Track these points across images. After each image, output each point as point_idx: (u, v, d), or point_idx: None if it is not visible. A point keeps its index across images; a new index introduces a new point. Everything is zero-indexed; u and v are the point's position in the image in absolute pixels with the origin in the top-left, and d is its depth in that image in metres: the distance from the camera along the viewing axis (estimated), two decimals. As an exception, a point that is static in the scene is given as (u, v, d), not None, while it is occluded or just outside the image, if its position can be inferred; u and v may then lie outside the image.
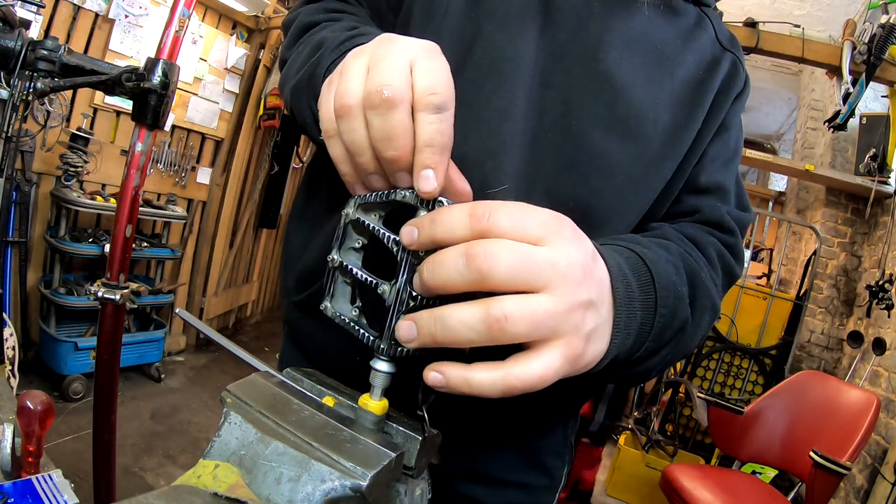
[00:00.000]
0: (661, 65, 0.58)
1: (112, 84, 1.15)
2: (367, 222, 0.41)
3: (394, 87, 0.34)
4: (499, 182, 0.52)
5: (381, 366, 0.39)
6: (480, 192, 0.49)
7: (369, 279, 0.40)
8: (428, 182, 0.36)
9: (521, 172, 0.54)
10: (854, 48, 2.14)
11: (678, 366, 3.18)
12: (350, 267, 0.41)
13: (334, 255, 0.42)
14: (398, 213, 0.41)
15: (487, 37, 0.54)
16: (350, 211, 0.41)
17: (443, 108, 0.36)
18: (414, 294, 0.38)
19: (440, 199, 0.37)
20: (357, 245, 0.42)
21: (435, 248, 0.36)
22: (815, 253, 3.13)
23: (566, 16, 0.55)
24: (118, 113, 2.62)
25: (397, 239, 0.38)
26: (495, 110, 0.53)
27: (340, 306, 0.43)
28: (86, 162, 2.36)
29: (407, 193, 0.38)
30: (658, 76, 0.57)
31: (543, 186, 0.55)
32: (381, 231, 0.40)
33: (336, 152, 0.38)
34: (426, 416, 0.41)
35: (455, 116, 0.43)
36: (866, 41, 2.09)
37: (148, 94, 1.19)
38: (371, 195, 0.40)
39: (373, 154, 0.36)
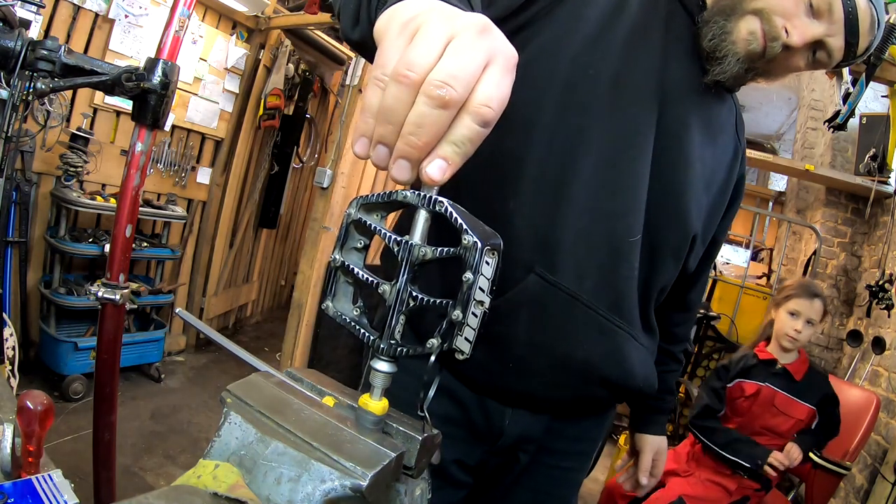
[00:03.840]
0: (709, 143, 0.76)
1: (112, 84, 1.14)
2: (368, 222, 0.41)
3: (454, 90, 0.33)
4: (636, 232, 0.70)
5: (382, 366, 0.39)
6: (623, 239, 0.69)
7: (370, 279, 0.40)
8: (436, 171, 0.35)
9: (643, 227, 0.70)
10: (854, 48, 2.14)
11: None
12: (352, 267, 0.41)
13: (336, 255, 0.42)
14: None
15: (632, 114, 0.69)
16: (352, 211, 0.41)
17: (488, 124, 0.35)
18: (414, 294, 0.38)
19: (440, 199, 0.37)
20: (359, 245, 0.42)
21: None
22: (815, 253, 3.13)
23: (673, 95, 0.71)
24: (118, 113, 2.61)
25: (398, 239, 0.38)
26: (637, 176, 0.69)
27: (342, 306, 0.43)
28: (86, 162, 2.36)
29: (409, 194, 0.38)
30: (708, 153, 0.76)
31: (649, 239, 0.72)
32: (383, 231, 0.40)
33: (372, 101, 0.36)
34: (427, 416, 0.41)
35: (604, 173, 0.67)
36: (866, 41, 2.09)
37: (148, 94, 1.19)
38: (373, 196, 0.40)
39: (398, 129, 0.35)
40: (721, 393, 1.89)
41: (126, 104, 2.37)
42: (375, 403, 0.40)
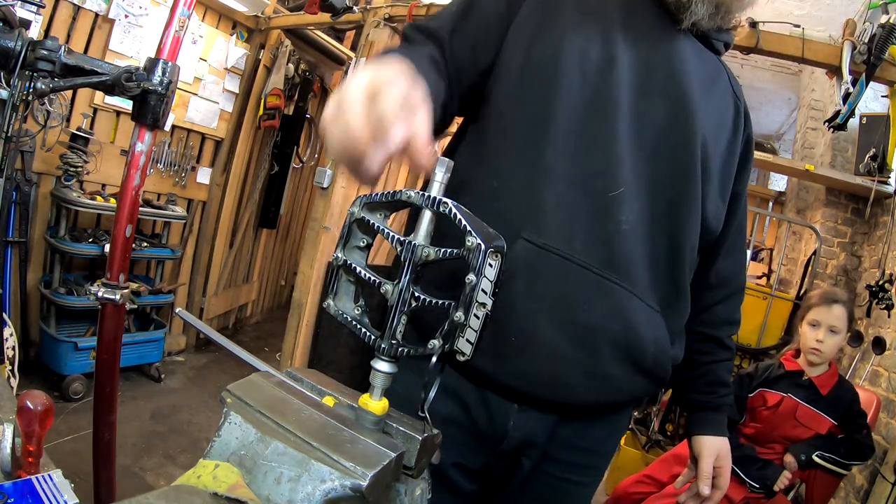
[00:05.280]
0: (704, 90, 0.77)
1: (112, 84, 1.14)
2: (372, 221, 0.40)
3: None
4: (615, 187, 0.70)
5: (382, 366, 0.39)
6: (603, 196, 0.70)
7: (373, 278, 0.40)
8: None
9: (631, 180, 0.71)
10: (854, 48, 2.14)
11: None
12: (354, 266, 0.41)
13: (339, 254, 0.41)
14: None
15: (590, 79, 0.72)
16: (356, 210, 0.41)
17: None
18: (416, 294, 0.38)
19: (444, 199, 0.37)
20: (362, 244, 0.42)
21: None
22: (815, 253, 3.13)
23: (644, 41, 0.74)
24: (118, 113, 2.61)
25: (401, 239, 0.38)
26: (605, 136, 0.70)
27: (343, 304, 0.43)
28: (86, 162, 2.36)
29: (413, 194, 0.38)
30: (702, 100, 0.76)
31: (652, 190, 0.72)
32: (386, 230, 0.40)
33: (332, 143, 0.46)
34: (427, 416, 0.40)
35: (576, 138, 0.70)
36: (866, 41, 2.09)
37: (148, 94, 1.19)
38: (377, 195, 0.40)
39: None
40: (742, 402, 1.85)
41: (126, 104, 2.37)
42: (375, 403, 0.40)
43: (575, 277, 0.69)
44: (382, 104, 0.42)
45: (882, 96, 2.92)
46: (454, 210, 0.37)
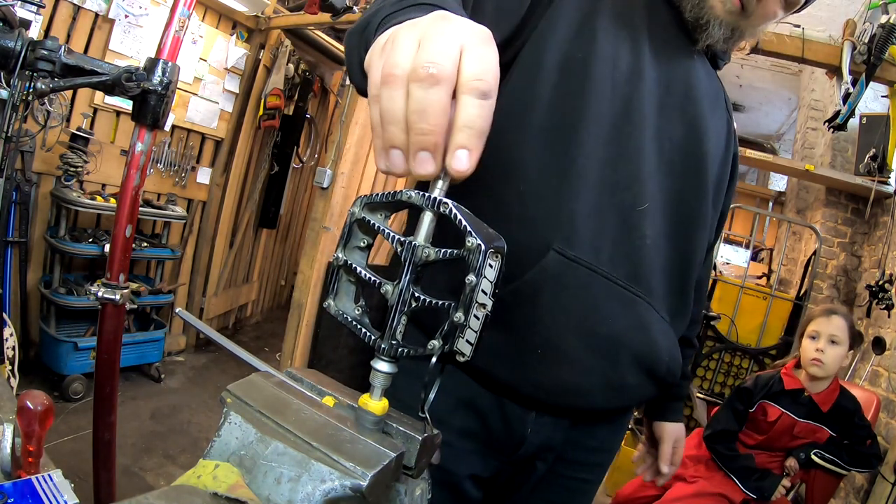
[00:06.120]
0: (711, 109, 0.79)
1: (112, 84, 1.14)
2: (372, 222, 0.40)
3: (440, 65, 0.35)
4: (642, 202, 0.70)
5: (382, 366, 0.39)
6: (631, 210, 0.70)
7: (373, 278, 0.40)
8: (461, 162, 0.36)
9: (654, 194, 0.72)
10: (854, 48, 2.14)
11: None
12: (354, 266, 0.41)
13: (339, 254, 0.41)
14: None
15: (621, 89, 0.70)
16: (356, 210, 0.41)
17: (487, 95, 0.36)
18: (416, 295, 0.38)
19: (445, 200, 0.37)
20: (362, 244, 0.42)
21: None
22: (815, 253, 3.13)
23: (665, 56, 0.74)
24: (118, 113, 2.61)
25: (402, 239, 0.38)
26: (633, 149, 0.70)
27: (344, 305, 0.43)
28: (86, 162, 2.36)
29: (413, 194, 0.38)
30: (710, 119, 0.78)
31: (669, 205, 0.73)
32: (386, 231, 0.40)
33: (374, 117, 0.38)
34: (428, 416, 0.40)
35: (605, 148, 0.68)
36: (866, 41, 2.09)
37: (148, 95, 1.19)
38: (377, 195, 0.40)
39: (404, 127, 0.36)
40: (742, 416, 1.84)
41: (126, 104, 2.37)
42: (375, 403, 0.40)
43: (600, 290, 0.69)
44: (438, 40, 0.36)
45: (882, 96, 2.92)
46: (454, 210, 0.37)
